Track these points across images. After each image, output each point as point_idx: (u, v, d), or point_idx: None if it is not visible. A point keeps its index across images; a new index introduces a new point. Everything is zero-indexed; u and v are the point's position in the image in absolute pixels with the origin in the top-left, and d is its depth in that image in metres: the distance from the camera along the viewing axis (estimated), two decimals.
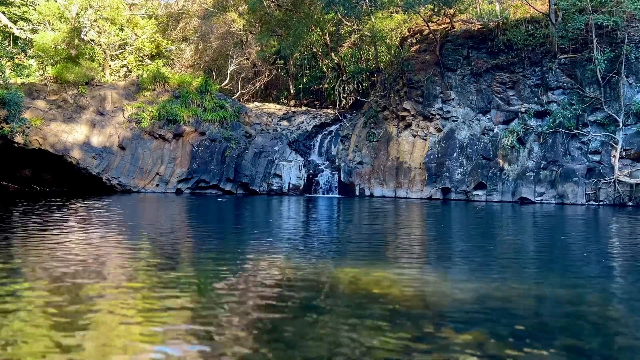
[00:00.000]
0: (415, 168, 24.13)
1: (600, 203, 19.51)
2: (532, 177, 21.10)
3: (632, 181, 19.20)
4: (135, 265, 6.16)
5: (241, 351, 3.27)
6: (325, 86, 33.00)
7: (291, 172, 26.00)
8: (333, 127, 28.90)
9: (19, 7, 29.93)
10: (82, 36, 28.27)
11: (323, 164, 27.23)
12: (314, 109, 32.01)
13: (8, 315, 3.90)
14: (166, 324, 3.77)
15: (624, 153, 19.71)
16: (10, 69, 26.32)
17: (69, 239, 8.20)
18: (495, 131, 22.81)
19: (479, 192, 22.19)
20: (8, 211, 13.06)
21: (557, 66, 21.43)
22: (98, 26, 29.07)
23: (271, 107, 31.73)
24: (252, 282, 5.38)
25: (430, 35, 25.34)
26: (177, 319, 3.92)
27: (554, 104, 21.52)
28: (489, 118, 23.18)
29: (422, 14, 25.69)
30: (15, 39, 29.62)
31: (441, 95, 24.18)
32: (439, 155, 23.56)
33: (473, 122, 23.43)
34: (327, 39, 31.83)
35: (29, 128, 21.60)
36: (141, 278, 5.47)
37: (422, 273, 6.10)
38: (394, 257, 7.37)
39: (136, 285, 5.15)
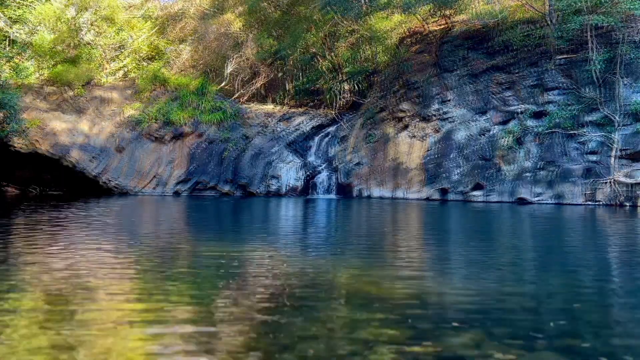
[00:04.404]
0: (413, 169, 24.16)
1: (598, 203, 19.56)
2: (530, 178, 21.13)
3: (630, 181, 19.24)
4: (133, 266, 6.16)
5: (240, 351, 3.28)
6: (324, 87, 33.00)
7: (289, 173, 26.02)
8: (331, 128, 28.92)
9: (15, 9, 29.88)
10: (80, 38, 28.25)
11: (321, 165, 27.25)
12: (312, 110, 32.01)
13: (3, 322, 3.91)
14: (164, 324, 3.78)
15: (621, 153, 19.76)
16: (8, 70, 26.28)
17: (65, 244, 8.20)
18: (493, 132, 22.85)
19: (477, 193, 22.22)
20: (4, 215, 13.05)
21: (554, 67, 21.48)
22: (97, 26, 29.06)
23: (269, 108, 31.74)
24: (251, 282, 5.38)
25: (429, 35, 25.39)
26: (174, 319, 3.93)
27: (552, 105, 21.57)
28: (486, 119, 23.22)
29: (420, 15, 25.74)
30: (12, 41, 29.58)
31: (439, 96, 24.22)
32: (437, 155, 23.59)
33: (471, 122, 23.47)
34: (326, 39, 31.84)
35: (26, 130, 21.58)
36: (139, 279, 5.47)
37: (421, 273, 6.12)
38: (393, 258, 7.38)
39: (133, 286, 5.15)
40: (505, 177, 21.79)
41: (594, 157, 20.38)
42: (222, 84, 33.68)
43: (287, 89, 36.29)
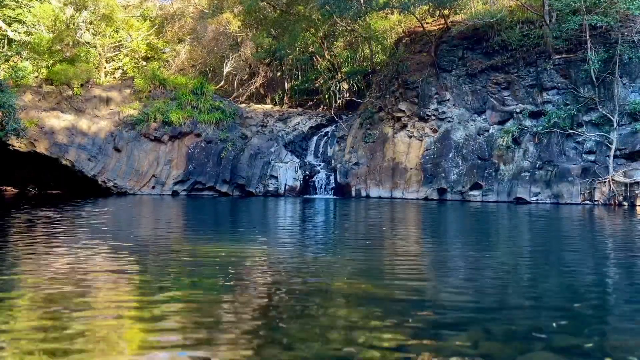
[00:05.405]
0: (411, 169, 24.18)
1: (595, 202, 19.61)
2: (527, 177, 21.17)
3: (627, 180, 19.30)
4: (131, 266, 6.16)
5: (238, 352, 3.28)
6: (321, 87, 33.03)
7: (287, 173, 26.01)
8: (329, 128, 28.93)
9: (13, 9, 29.82)
10: (78, 38, 28.20)
11: (319, 165, 27.26)
12: (310, 110, 32.05)
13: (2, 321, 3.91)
14: (163, 325, 3.78)
15: (618, 152, 19.81)
16: (5, 71, 26.22)
17: (59, 248, 8.20)
18: (490, 131, 22.89)
19: (475, 193, 22.25)
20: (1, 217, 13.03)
21: (551, 67, 21.53)
22: (95, 26, 29.01)
23: (267, 108, 31.75)
24: (249, 283, 5.39)
25: (427, 35, 25.42)
26: (173, 320, 3.94)
27: (549, 104, 21.62)
28: (484, 118, 23.26)
29: (417, 15, 25.77)
30: (10, 41, 29.51)
31: (437, 96, 24.24)
32: (435, 155, 23.62)
33: (468, 122, 23.51)
34: (324, 39, 31.86)
35: (24, 130, 21.52)
36: (136, 280, 5.47)
37: (419, 273, 6.13)
38: (391, 258, 7.40)
39: (131, 288, 5.15)
40: (503, 177, 21.84)
41: (591, 157, 20.43)
42: (221, 84, 33.68)
43: (286, 88, 36.30)
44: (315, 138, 28.68)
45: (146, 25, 34.01)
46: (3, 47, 29.28)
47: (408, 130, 24.79)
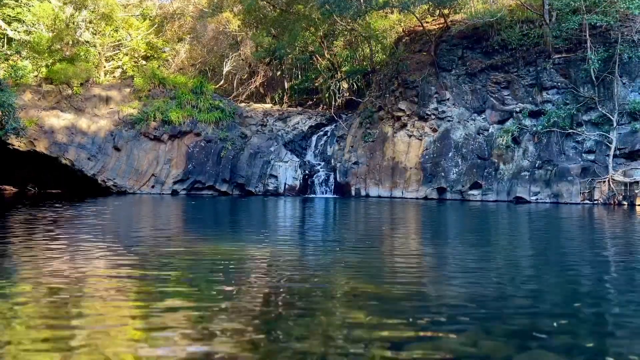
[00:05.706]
0: (410, 168, 24.17)
1: (595, 202, 19.62)
2: (527, 177, 21.18)
3: (627, 180, 19.30)
4: (130, 266, 6.16)
5: (238, 351, 3.29)
6: (321, 86, 33.00)
7: (287, 172, 26.01)
8: (328, 128, 28.91)
9: (13, 8, 29.79)
10: (77, 37, 28.18)
11: (319, 164, 27.25)
12: (310, 109, 32.02)
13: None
14: (162, 325, 3.79)
15: (618, 152, 19.82)
16: (5, 70, 26.19)
17: (57, 250, 8.20)
18: (490, 131, 22.88)
19: (475, 192, 22.25)
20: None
21: (551, 66, 21.53)
22: (95, 25, 28.98)
23: (267, 107, 31.73)
24: (249, 282, 5.40)
25: (426, 35, 25.41)
26: (172, 320, 3.94)
27: (549, 104, 21.62)
28: (484, 118, 23.25)
29: (417, 14, 25.76)
30: (10, 40, 29.47)
31: (436, 95, 24.23)
32: (435, 155, 23.61)
33: (468, 122, 23.50)
34: (324, 38, 31.84)
35: (23, 130, 21.51)
36: (135, 280, 5.48)
37: (419, 273, 6.14)
38: (391, 257, 7.40)
39: (131, 293, 5.15)
40: (502, 176, 21.84)
41: (591, 156, 20.44)
42: (220, 83, 33.65)
43: (285, 88, 36.27)
44: (314, 137, 28.67)
45: (146, 24, 33.97)
46: (3, 46, 29.24)
47: (408, 130, 24.78)
